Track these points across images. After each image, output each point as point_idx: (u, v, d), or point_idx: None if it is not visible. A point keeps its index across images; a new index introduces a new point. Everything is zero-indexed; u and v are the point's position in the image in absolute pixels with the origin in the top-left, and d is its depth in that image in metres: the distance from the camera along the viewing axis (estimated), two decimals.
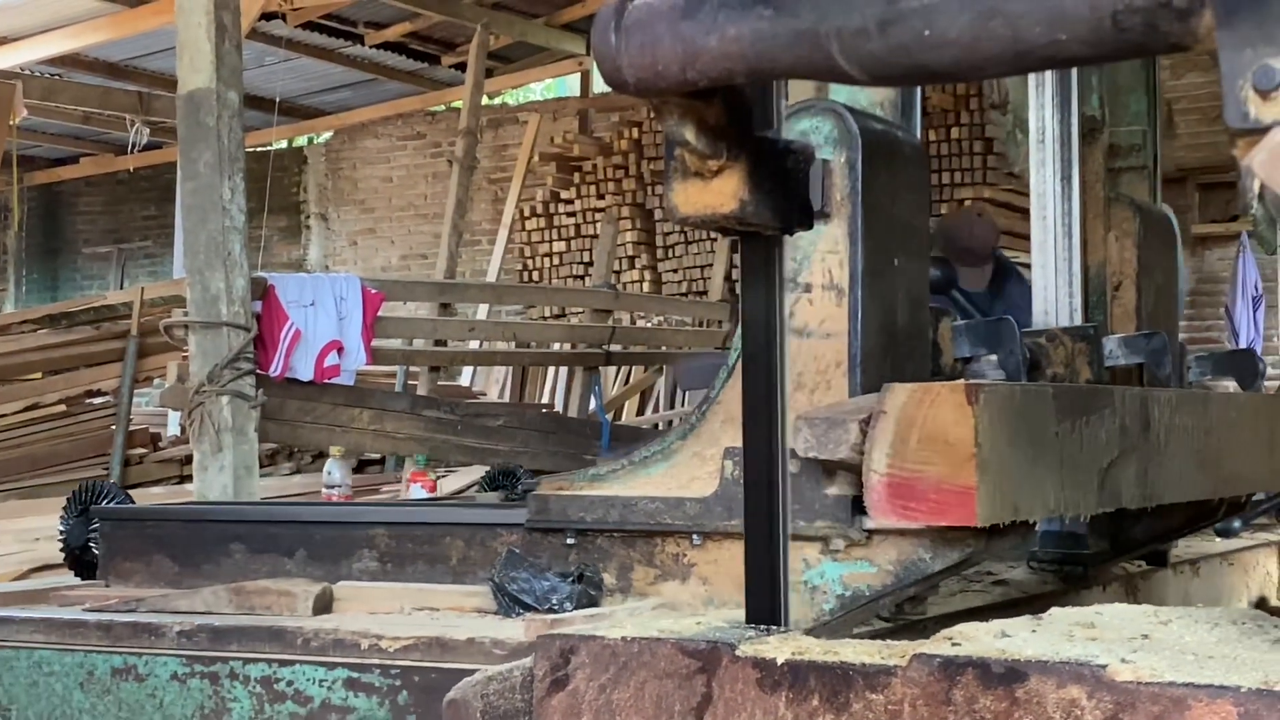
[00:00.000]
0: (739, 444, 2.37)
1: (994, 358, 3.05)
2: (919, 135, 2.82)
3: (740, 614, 2.16)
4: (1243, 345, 11.05)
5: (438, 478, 7.62)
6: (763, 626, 2.02)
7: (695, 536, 2.54)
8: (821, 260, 2.51)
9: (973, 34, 1.57)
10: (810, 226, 2.16)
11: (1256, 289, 11.59)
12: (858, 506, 2.31)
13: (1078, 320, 3.44)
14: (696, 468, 2.58)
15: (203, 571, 3.04)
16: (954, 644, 1.76)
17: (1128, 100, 3.88)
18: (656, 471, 2.61)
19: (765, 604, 2.06)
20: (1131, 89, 3.89)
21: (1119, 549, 3.52)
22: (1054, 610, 1.98)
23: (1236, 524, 4.00)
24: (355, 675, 2.38)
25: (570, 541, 2.65)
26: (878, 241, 2.48)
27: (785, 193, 2.04)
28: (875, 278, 2.49)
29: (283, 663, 2.45)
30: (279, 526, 3.05)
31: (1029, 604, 2.88)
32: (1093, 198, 3.57)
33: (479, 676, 2.01)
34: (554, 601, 2.53)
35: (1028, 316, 5.40)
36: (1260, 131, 1.39)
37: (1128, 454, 2.63)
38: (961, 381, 2.20)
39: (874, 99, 2.65)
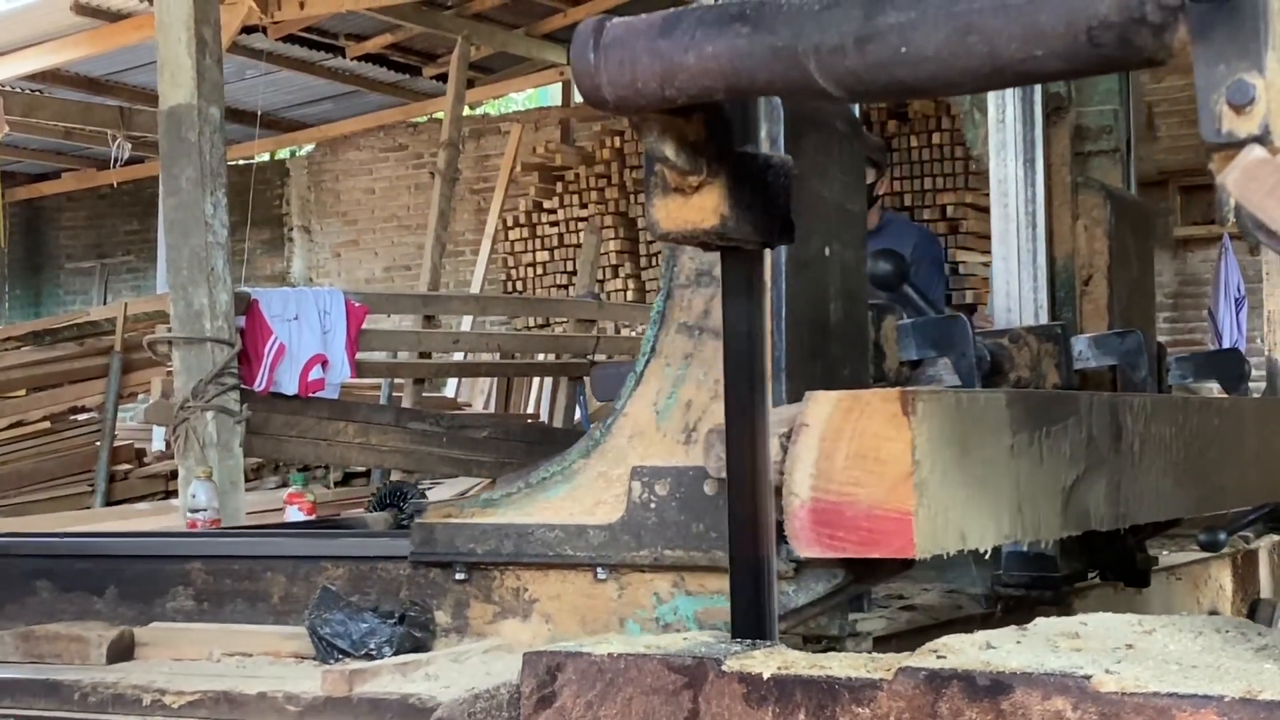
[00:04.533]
0: (649, 461, 2.26)
1: (948, 360, 2.77)
2: (856, 109, 2.56)
3: None
4: (1226, 348, 11.07)
5: (315, 500, 6.86)
6: (748, 641, 2.02)
7: (600, 570, 2.32)
8: None
9: (949, 50, 1.57)
10: (792, 241, 2.13)
11: (1239, 290, 11.63)
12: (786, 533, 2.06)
13: (1044, 318, 3.18)
14: (602, 490, 2.35)
15: (5, 612, 2.78)
16: (939, 656, 1.76)
17: (1096, 78, 3.48)
18: (557, 494, 2.37)
19: (751, 618, 2.04)
20: None
21: (1095, 567, 3.24)
22: (1039, 620, 1.98)
23: (1222, 536, 3.73)
24: None
25: (460, 577, 2.42)
26: (805, 227, 2.20)
27: (766, 207, 2.03)
28: (802, 268, 2.24)
29: None
30: (88, 561, 2.79)
31: (940, 630, 2.60)
32: (1058, 183, 3.29)
33: (465, 695, 2.01)
34: (371, 646, 2.32)
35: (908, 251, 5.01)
36: (1235, 146, 1.40)
37: (1096, 468, 2.38)
38: (896, 389, 1.97)
39: None
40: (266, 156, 16.06)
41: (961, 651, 1.78)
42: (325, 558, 2.58)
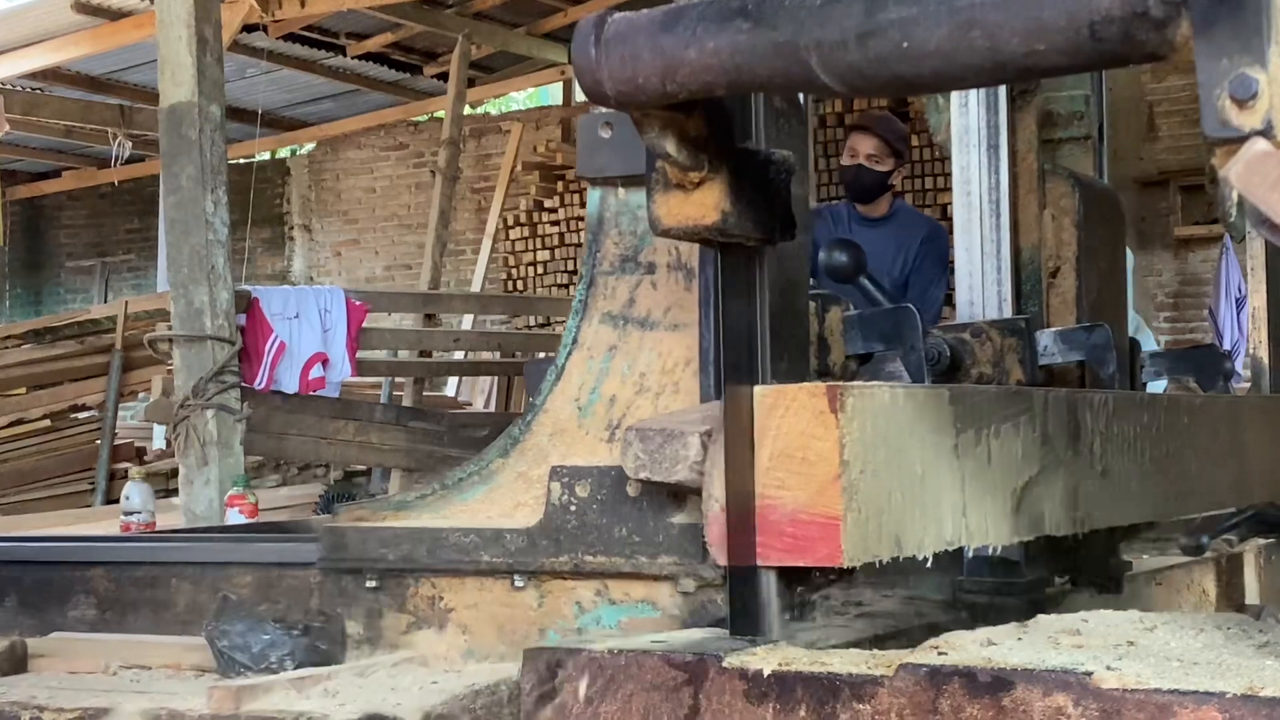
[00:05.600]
0: (570, 461, 2.15)
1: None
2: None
3: (503, 667, 2.02)
4: (1227, 347, 11.06)
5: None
6: (749, 637, 2.01)
7: (517, 577, 2.20)
8: None
9: (951, 45, 1.57)
10: (794, 237, 2.12)
11: (1240, 290, 11.62)
12: (705, 539, 1.97)
13: (1008, 312, 3.00)
14: (521, 491, 2.24)
15: None
16: (940, 653, 1.75)
17: None
18: (474, 496, 2.25)
19: (750, 615, 2.03)
20: None
21: (1064, 572, 3.04)
22: (1040, 617, 1.98)
23: (1205, 539, 3.55)
24: None
25: (372, 585, 2.28)
26: None
27: (767, 203, 2.03)
28: (735, 255, 2.05)
29: None
30: None
31: (898, 640, 2.36)
32: (1025, 170, 3.09)
33: (466, 691, 2.00)
34: (273, 659, 2.18)
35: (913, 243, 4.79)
36: (1238, 140, 1.39)
37: (1051, 469, 2.24)
38: (823, 383, 1.84)
39: None
40: (267, 155, 16.07)
41: (962, 648, 1.77)
42: (232, 564, 2.44)
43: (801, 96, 2.11)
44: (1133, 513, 2.62)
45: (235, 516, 6.12)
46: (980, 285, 3.05)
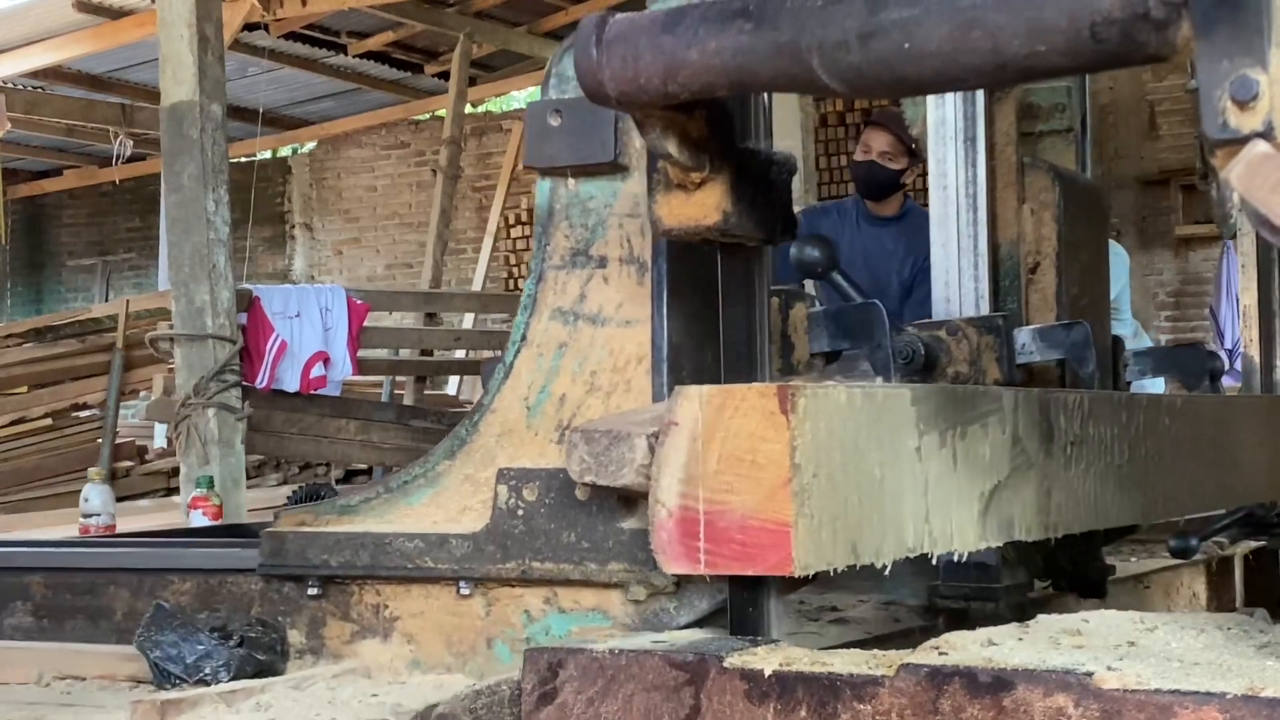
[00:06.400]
0: (518, 463, 2.10)
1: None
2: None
3: (449, 679, 1.98)
4: (1228, 346, 11.05)
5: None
6: (749, 637, 2.00)
7: (463, 584, 2.12)
8: (619, 226, 2.08)
9: (952, 46, 1.57)
10: (794, 237, 2.11)
11: None
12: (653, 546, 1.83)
13: (985, 309, 2.92)
14: (468, 495, 2.16)
15: None
16: (941, 653, 1.75)
17: None
18: (419, 500, 2.17)
19: (750, 616, 2.02)
20: None
21: (1046, 577, 2.97)
22: (1040, 617, 1.98)
23: (1194, 542, 3.48)
24: None
25: (314, 592, 2.20)
26: None
27: (768, 203, 2.02)
28: (689, 248, 2.02)
29: None
30: None
31: (875, 645, 2.16)
32: (1003, 163, 3.00)
33: (467, 690, 2.00)
34: (206, 671, 2.08)
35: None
36: (1239, 141, 1.39)
37: (1022, 472, 2.13)
38: (774, 384, 1.74)
39: None
40: (268, 154, 16.06)
41: (963, 648, 1.77)
42: (171, 570, 2.38)
43: (766, 94, 2.08)
44: (1109, 517, 2.52)
45: (198, 519, 5.91)
46: (957, 281, 2.98)
